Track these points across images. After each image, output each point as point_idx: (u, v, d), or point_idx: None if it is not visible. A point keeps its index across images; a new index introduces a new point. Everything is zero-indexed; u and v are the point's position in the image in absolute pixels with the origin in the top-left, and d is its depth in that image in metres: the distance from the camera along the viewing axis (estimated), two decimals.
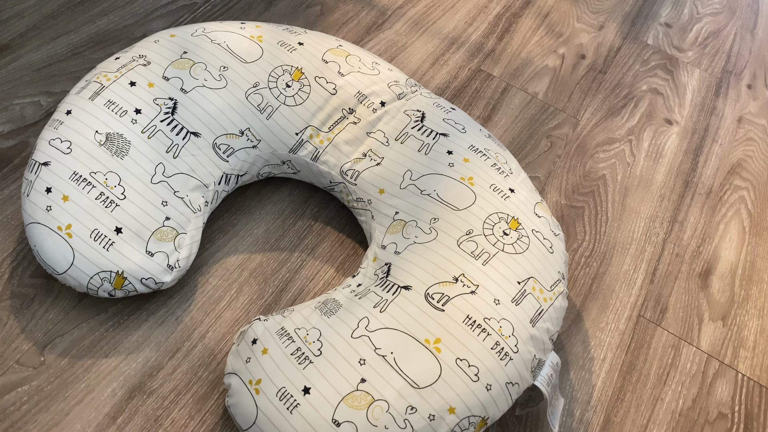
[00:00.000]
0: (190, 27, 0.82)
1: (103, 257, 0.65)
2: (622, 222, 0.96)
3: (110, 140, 0.70)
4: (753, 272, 0.94)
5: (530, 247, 0.70)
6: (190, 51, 0.78)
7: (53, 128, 0.70)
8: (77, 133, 0.69)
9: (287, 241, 0.83)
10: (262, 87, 0.78)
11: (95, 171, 0.68)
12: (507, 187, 0.74)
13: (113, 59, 0.77)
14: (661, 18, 1.34)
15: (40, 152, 0.69)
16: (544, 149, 1.03)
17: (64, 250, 0.65)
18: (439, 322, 0.62)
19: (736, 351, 0.85)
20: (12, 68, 0.95)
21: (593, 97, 1.13)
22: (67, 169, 0.67)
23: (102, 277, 0.66)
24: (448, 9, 1.23)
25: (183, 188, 0.72)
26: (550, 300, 0.68)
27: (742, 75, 1.25)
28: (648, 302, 0.88)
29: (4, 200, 0.81)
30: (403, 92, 0.83)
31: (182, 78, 0.76)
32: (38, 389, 0.67)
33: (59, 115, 0.72)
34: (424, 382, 0.59)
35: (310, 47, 0.83)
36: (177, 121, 0.74)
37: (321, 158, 0.80)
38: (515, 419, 0.74)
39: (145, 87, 0.74)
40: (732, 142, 1.12)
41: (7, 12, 1.02)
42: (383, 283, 0.68)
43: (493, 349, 0.62)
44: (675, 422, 0.77)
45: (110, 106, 0.72)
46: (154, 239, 0.68)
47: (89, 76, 0.75)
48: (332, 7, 1.17)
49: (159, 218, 0.69)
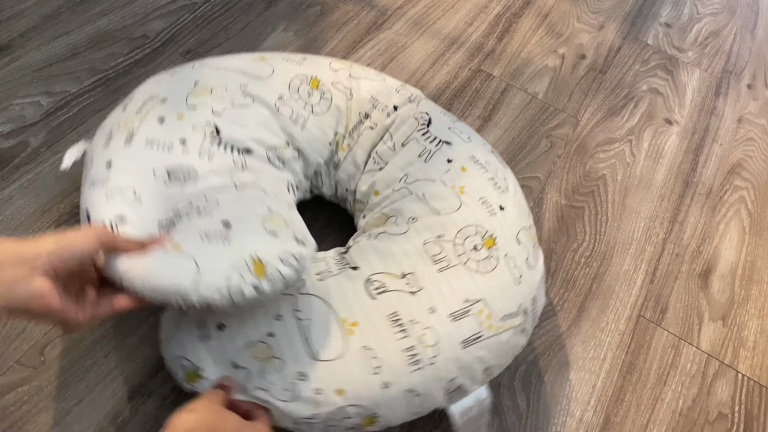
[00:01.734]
0: (186, 65, 0.77)
1: (228, 249, 0.54)
2: (622, 222, 0.96)
3: (174, 173, 0.62)
4: (753, 272, 0.94)
5: (495, 270, 0.65)
6: (201, 80, 0.72)
7: (101, 185, 0.60)
8: (136, 177, 0.61)
9: None
10: (287, 98, 0.75)
11: (175, 205, 0.60)
12: (497, 204, 0.70)
13: (121, 109, 0.70)
14: (661, 18, 1.34)
15: (104, 210, 0.58)
16: (544, 149, 1.03)
17: (182, 264, 0.53)
18: (365, 307, 0.62)
19: (736, 351, 0.85)
20: (12, 68, 0.95)
21: (593, 97, 1.13)
22: (148, 220, 0.58)
23: (239, 270, 0.53)
24: (448, 9, 1.23)
25: (269, 188, 0.66)
26: (496, 330, 0.63)
27: (742, 75, 1.25)
28: (648, 302, 0.88)
29: (4, 200, 0.81)
30: (412, 95, 0.82)
31: (208, 103, 0.69)
32: (38, 389, 0.67)
33: (99, 171, 0.62)
34: (324, 356, 0.59)
35: (313, 59, 0.82)
36: (225, 141, 0.67)
37: (341, 167, 0.79)
38: (515, 419, 0.74)
39: (176, 119, 0.67)
40: (732, 142, 1.12)
41: (7, 12, 1.02)
42: (340, 259, 0.68)
43: (405, 351, 0.59)
44: (675, 422, 0.77)
45: (152, 145, 0.64)
46: (268, 224, 0.59)
47: (105, 130, 0.67)
48: (332, 7, 1.17)
49: (263, 210, 0.60)
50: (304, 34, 1.10)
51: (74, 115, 0.91)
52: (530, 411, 0.75)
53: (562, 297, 0.86)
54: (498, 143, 1.02)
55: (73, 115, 0.91)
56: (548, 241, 0.91)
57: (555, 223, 0.94)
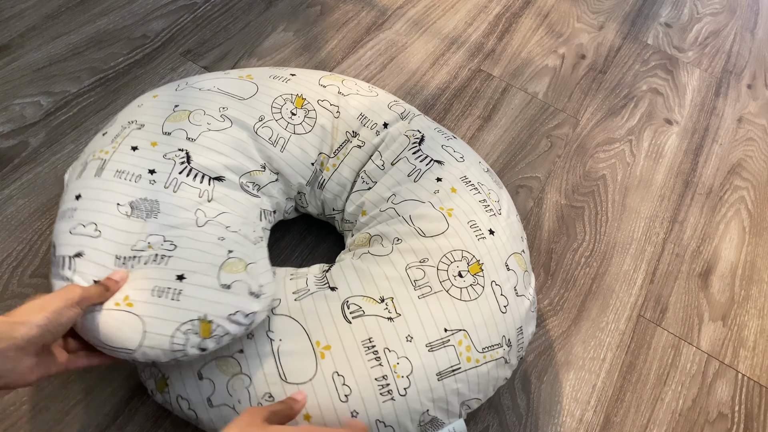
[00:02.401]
0: (171, 84, 0.76)
1: (176, 309, 0.55)
2: (622, 222, 0.96)
3: (136, 208, 0.62)
4: (753, 272, 0.94)
5: (479, 299, 0.63)
6: (181, 103, 0.71)
7: (68, 217, 0.61)
8: (98, 212, 0.61)
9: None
10: (269, 119, 0.73)
11: (134, 243, 0.60)
12: (487, 228, 0.68)
13: (101, 135, 0.69)
14: (661, 18, 1.34)
15: (65, 245, 0.59)
16: (544, 149, 1.03)
17: (130, 322, 0.54)
18: (339, 331, 0.60)
19: (736, 351, 0.85)
20: (12, 68, 0.95)
21: (593, 97, 1.13)
22: (105, 254, 0.59)
23: (184, 332, 0.55)
24: (448, 9, 1.23)
25: (233, 224, 0.65)
26: (476, 363, 0.61)
27: (742, 75, 1.25)
28: (648, 302, 0.88)
29: (4, 200, 0.81)
30: (405, 110, 0.80)
31: (184, 128, 0.69)
32: (38, 389, 0.67)
33: (69, 203, 0.63)
34: (293, 379, 0.58)
35: (303, 76, 0.80)
36: (196, 170, 0.67)
37: (327, 186, 0.77)
38: (515, 419, 0.74)
39: (149, 148, 0.66)
40: (732, 142, 1.12)
41: (7, 12, 1.02)
42: (321, 278, 0.67)
43: (377, 380, 0.58)
44: (675, 422, 0.77)
45: (120, 175, 0.64)
46: (224, 272, 0.58)
47: (83, 158, 0.67)
48: (332, 7, 1.17)
49: (221, 252, 0.60)
50: (304, 34, 1.10)
51: (74, 115, 0.91)
52: (530, 411, 0.75)
53: (562, 297, 0.86)
54: (498, 143, 1.02)
55: (73, 115, 0.91)
56: (548, 241, 0.91)
57: (555, 223, 0.93)
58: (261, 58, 1.04)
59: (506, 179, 0.97)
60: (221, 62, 1.02)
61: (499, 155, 1.00)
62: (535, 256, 0.89)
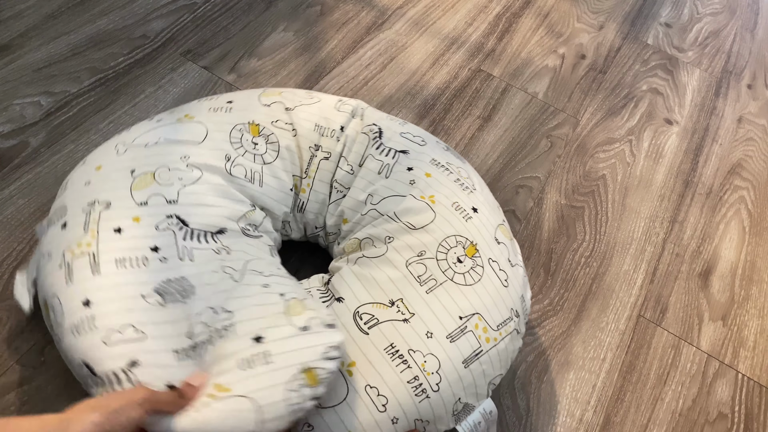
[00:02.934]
0: (104, 149, 0.67)
1: (274, 372, 0.52)
2: (622, 222, 0.96)
3: (166, 292, 0.56)
4: (753, 272, 0.94)
5: (483, 280, 0.63)
6: (137, 167, 0.64)
7: (89, 329, 0.53)
8: (127, 312, 0.54)
9: None
10: (235, 156, 0.68)
11: (187, 330, 0.55)
12: (470, 206, 0.68)
13: (60, 228, 0.60)
14: (661, 18, 1.34)
15: (108, 359, 0.52)
16: (544, 149, 1.03)
17: (237, 406, 0.50)
18: (359, 345, 0.59)
19: (736, 351, 0.85)
20: (12, 68, 0.95)
21: (593, 97, 1.13)
22: (163, 354, 0.53)
23: (295, 389, 0.51)
24: (448, 9, 1.23)
25: (265, 268, 0.62)
26: (494, 341, 0.62)
27: (742, 75, 1.25)
28: (648, 302, 0.88)
29: (4, 200, 0.81)
30: (353, 108, 0.77)
31: (158, 192, 0.62)
32: (38, 389, 0.67)
33: (77, 314, 0.54)
34: (328, 402, 0.57)
35: (241, 100, 0.74)
36: (196, 230, 0.62)
37: (307, 208, 0.75)
38: (515, 419, 0.74)
39: (134, 225, 0.59)
40: (732, 142, 1.12)
41: (7, 12, 1.02)
42: (324, 291, 0.65)
43: (410, 383, 0.58)
44: (675, 422, 0.77)
45: (122, 265, 0.56)
46: (292, 317, 0.55)
47: (57, 261, 0.57)
48: (332, 7, 1.17)
49: (275, 300, 0.57)
50: (304, 34, 1.10)
51: (74, 114, 0.91)
52: (530, 411, 0.75)
53: (562, 297, 0.86)
54: (498, 143, 1.02)
55: (73, 115, 0.91)
56: (548, 241, 0.91)
57: (555, 223, 0.94)
58: (261, 58, 1.04)
59: (506, 179, 0.97)
60: (221, 62, 1.02)
61: (499, 155, 1.00)
62: (535, 256, 0.89)
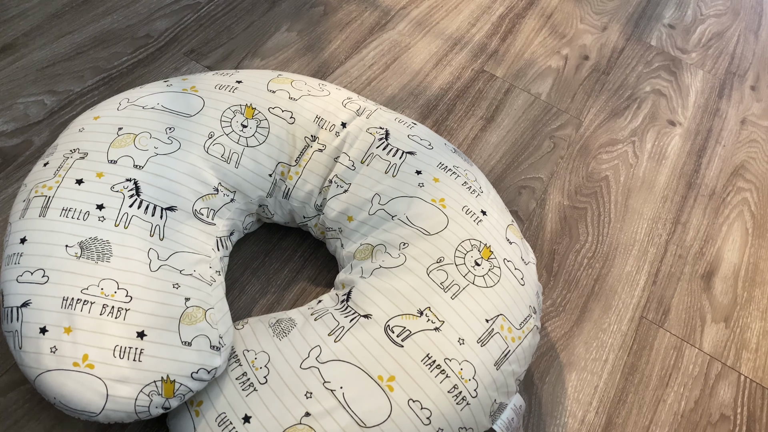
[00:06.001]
0: (111, 101, 0.72)
1: (138, 371, 0.55)
2: (624, 223, 0.96)
3: (86, 248, 0.59)
4: (756, 274, 0.94)
5: (501, 280, 0.65)
6: (125, 125, 0.68)
7: (14, 264, 0.58)
8: (45, 256, 0.58)
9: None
10: (219, 135, 0.71)
11: (86, 286, 0.57)
12: (479, 209, 0.69)
13: (42, 166, 0.65)
14: (665, 19, 1.34)
15: (12, 295, 0.56)
16: (546, 150, 1.03)
17: (92, 385, 0.54)
18: (396, 358, 0.59)
19: (738, 353, 0.85)
20: (16, 67, 0.95)
21: (596, 98, 1.13)
22: (53, 299, 0.56)
23: (148, 393, 0.55)
24: (451, 9, 1.23)
25: (187, 265, 0.63)
26: (519, 339, 0.64)
27: (745, 76, 1.25)
28: (650, 303, 0.88)
29: (7, 199, 0.81)
30: (360, 107, 0.78)
31: (130, 155, 0.65)
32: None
33: (13, 248, 0.59)
34: (372, 422, 0.56)
35: (250, 82, 0.76)
36: (146, 201, 0.64)
37: (293, 195, 0.75)
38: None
39: (95, 180, 0.63)
40: (735, 143, 1.12)
41: (12, 11, 1.02)
42: (343, 308, 0.64)
43: (450, 392, 0.58)
44: (677, 424, 0.77)
45: (67, 214, 0.61)
46: (184, 326, 0.58)
47: (24, 195, 0.64)
48: (335, 7, 1.17)
49: (178, 302, 0.59)
50: (308, 34, 1.10)
51: (78, 114, 0.91)
52: (532, 412, 0.75)
53: (564, 298, 0.86)
54: (501, 144, 1.02)
55: (77, 114, 0.91)
56: (551, 242, 0.91)
57: (558, 224, 0.93)
58: (264, 58, 1.05)
59: (509, 180, 0.97)
60: (224, 62, 1.03)
61: (501, 156, 1.00)
62: (537, 257, 0.89)
